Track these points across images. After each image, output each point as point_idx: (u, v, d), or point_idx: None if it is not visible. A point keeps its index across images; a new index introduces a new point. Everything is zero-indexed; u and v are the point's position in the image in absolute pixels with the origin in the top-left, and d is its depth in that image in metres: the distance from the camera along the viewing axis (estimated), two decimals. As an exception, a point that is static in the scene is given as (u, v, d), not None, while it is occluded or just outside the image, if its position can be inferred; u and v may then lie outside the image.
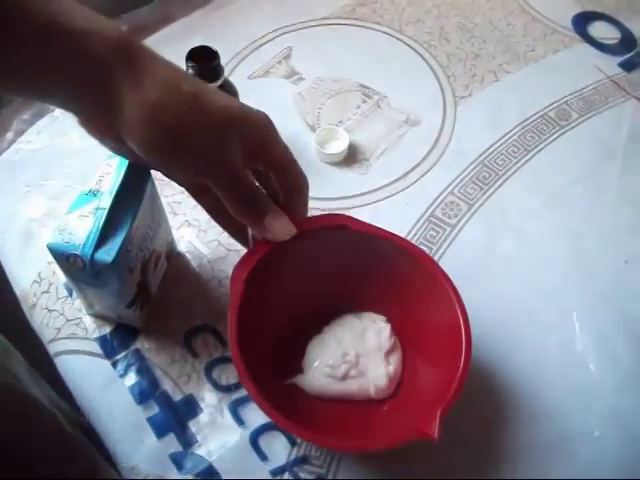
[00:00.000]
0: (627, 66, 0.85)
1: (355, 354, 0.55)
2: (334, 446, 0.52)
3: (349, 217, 0.55)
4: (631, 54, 0.87)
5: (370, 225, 0.55)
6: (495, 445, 0.56)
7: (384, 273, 0.57)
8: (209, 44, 0.63)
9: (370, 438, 0.51)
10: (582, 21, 0.90)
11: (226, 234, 0.65)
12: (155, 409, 0.56)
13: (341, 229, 0.54)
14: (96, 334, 0.59)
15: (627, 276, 0.66)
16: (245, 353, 0.49)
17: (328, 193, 0.69)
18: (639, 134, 0.77)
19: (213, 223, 0.65)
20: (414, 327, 0.57)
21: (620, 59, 0.86)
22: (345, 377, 0.55)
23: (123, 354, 0.58)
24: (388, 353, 0.56)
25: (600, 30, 0.89)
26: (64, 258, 0.49)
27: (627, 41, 0.88)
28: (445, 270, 0.54)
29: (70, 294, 0.62)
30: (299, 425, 0.47)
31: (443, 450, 0.54)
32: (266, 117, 0.47)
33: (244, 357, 0.49)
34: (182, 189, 0.68)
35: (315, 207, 0.68)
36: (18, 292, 0.64)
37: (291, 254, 0.54)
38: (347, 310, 0.59)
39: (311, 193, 0.68)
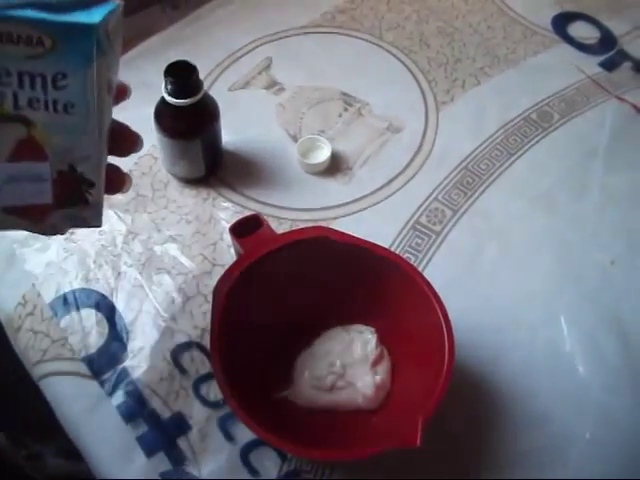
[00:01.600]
0: (607, 65, 0.85)
1: (341, 365, 0.55)
2: (315, 457, 0.51)
3: (331, 229, 0.55)
4: (611, 53, 0.87)
5: (352, 236, 0.55)
6: (486, 451, 0.56)
7: (369, 284, 0.56)
8: (187, 57, 0.62)
9: (354, 448, 0.50)
10: (562, 22, 0.90)
11: (211, 248, 0.65)
12: (144, 428, 0.56)
13: (323, 241, 0.54)
14: (83, 354, 0.59)
15: (613, 276, 0.66)
16: (230, 368, 0.49)
17: (312, 204, 0.69)
18: (621, 133, 0.78)
19: (197, 238, 0.66)
20: (401, 336, 0.57)
21: (600, 58, 0.86)
22: (332, 388, 0.55)
23: (110, 373, 0.58)
24: (375, 363, 0.55)
25: (580, 30, 0.89)
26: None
27: (607, 40, 0.89)
28: (428, 277, 0.54)
29: (56, 314, 0.61)
30: (273, 435, 0.47)
31: (434, 458, 0.54)
32: None
33: (228, 372, 0.49)
34: (165, 205, 0.68)
35: (299, 218, 0.68)
36: (2, 317, 0.63)
37: (274, 267, 0.54)
38: (337, 323, 0.59)
39: (295, 204, 0.69)
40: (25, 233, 0.66)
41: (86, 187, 0.39)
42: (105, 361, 0.59)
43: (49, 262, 0.64)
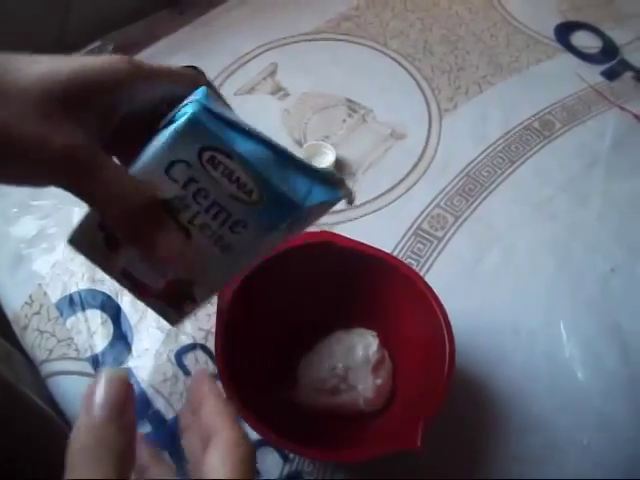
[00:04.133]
0: (609, 75, 0.86)
1: (344, 368, 0.56)
2: (316, 457, 0.52)
3: (335, 234, 0.56)
4: (613, 63, 0.88)
5: (354, 241, 0.55)
6: (485, 455, 0.57)
7: (370, 288, 0.57)
8: (194, 62, 0.62)
9: (356, 449, 0.51)
10: (564, 31, 0.91)
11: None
12: (148, 428, 0.56)
13: (328, 246, 0.55)
14: (88, 354, 0.60)
15: (613, 284, 0.67)
16: (233, 369, 0.50)
17: (315, 208, 0.70)
18: (622, 142, 0.78)
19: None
20: (402, 340, 0.58)
21: (602, 68, 0.87)
22: (335, 391, 0.56)
23: (115, 373, 0.59)
24: (376, 366, 0.56)
25: (582, 39, 0.90)
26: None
27: (609, 50, 0.90)
28: (430, 283, 0.54)
29: (61, 314, 0.62)
30: (282, 437, 0.48)
31: (433, 462, 0.55)
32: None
33: (232, 373, 0.49)
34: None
35: (303, 223, 0.69)
36: (10, 314, 0.64)
37: (277, 271, 0.54)
38: (339, 326, 0.59)
39: (299, 209, 0.70)
40: (33, 233, 0.67)
41: (188, 301, 0.40)
42: (110, 361, 0.60)
43: (56, 262, 0.65)
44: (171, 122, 0.35)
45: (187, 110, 0.34)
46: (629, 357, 0.62)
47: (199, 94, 0.35)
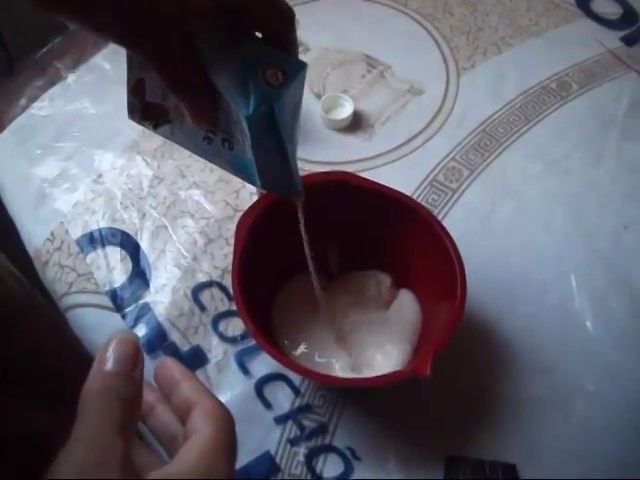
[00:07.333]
0: (628, 40, 0.86)
1: (355, 302, 0.57)
2: (333, 382, 0.53)
3: (352, 174, 0.57)
4: (632, 29, 0.88)
5: (371, 181, 0.56)
6: (494, 398, 0.58)
7: (386, 230, 0.58)
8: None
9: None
10: (585, -3, 0.91)
11: (234, 195, 0.67)
12: (163, 359, 0.58)
13: (344, 185, 0.56)
14: (107, 288, 0.61)
15: (625, 240, 0.67)
16: (251, 303, 0.51)
17: (332, 157, 0.71)
18: (638, 105, 0.79)
19: (221, 185, 0.68)
20: (415, 283, 0.59)
21: (622, 34, 0.87)
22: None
23: (132, 307, 0.60)
24: (388, 303, 0.57)
25: (602, 6, 0.90)
26: None
27: (629, 16, 0.89)
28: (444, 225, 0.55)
29: (82, 250, 0.64)
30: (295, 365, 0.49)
31: (443, 402, 0.56)
32: None
33: (249, 307, 0.50)
34: (190, 153, 0.70)
35: (319, 170, 0.70)
36: (31, 250, 0.66)
37: (292, 209, 0.55)
38: (353, 267, 0.60)
39: (316, 157, 0.71)
40: (55, 173, 0.69)
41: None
42: (128, 295, 0.61)
43: (77, 202, 0.67)
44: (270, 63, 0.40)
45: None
46: (638, 310, 0.63)
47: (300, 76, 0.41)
